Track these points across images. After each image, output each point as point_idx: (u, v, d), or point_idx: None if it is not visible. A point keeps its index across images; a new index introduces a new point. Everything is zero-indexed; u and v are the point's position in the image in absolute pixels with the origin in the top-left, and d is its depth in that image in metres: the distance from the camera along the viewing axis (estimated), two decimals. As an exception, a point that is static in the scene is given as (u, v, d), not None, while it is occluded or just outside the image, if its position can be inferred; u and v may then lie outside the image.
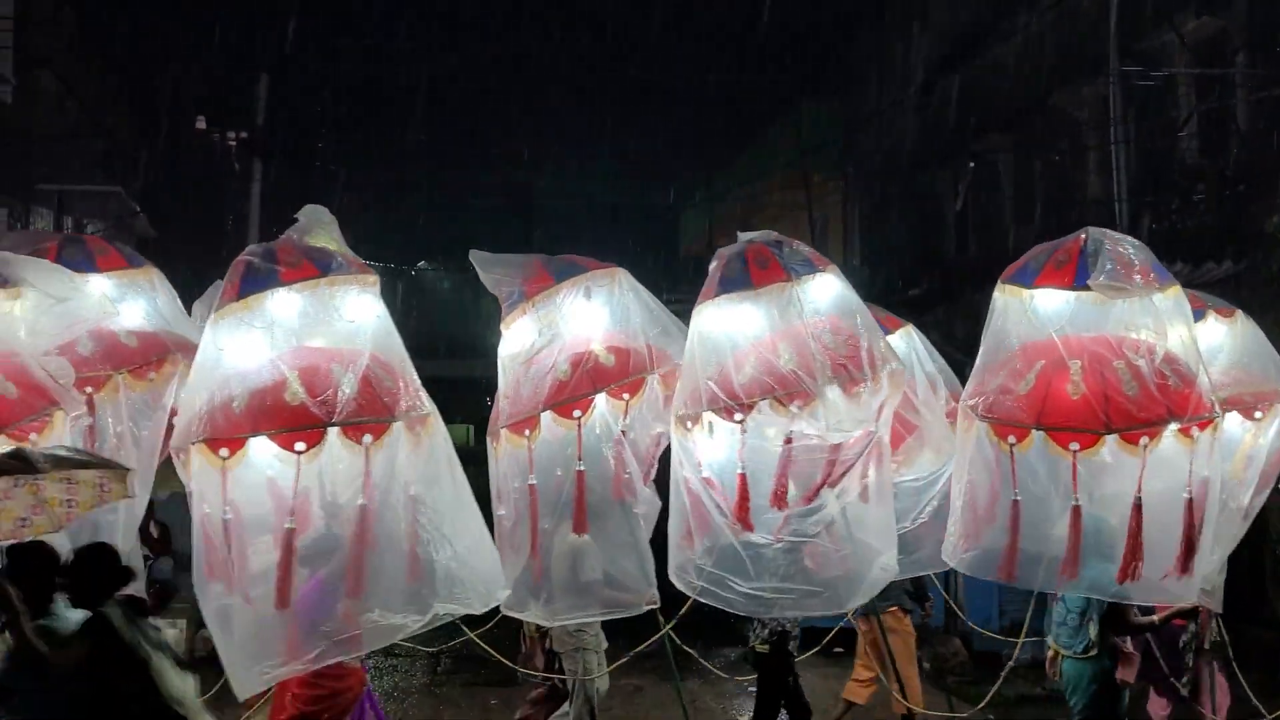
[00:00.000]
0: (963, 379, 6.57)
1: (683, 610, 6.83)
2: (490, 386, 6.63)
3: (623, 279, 6.39)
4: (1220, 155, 14.65)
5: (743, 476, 5.87)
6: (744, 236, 6.47)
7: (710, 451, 6.01)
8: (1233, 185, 14.06)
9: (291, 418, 4.88)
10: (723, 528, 5.93)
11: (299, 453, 4.87)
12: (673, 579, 6.32)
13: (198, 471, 5.01)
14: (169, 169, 28.61)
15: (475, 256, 6.33)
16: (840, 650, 12.43)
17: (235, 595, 4.97)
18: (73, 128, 24.70)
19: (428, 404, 5.24)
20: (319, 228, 5.52)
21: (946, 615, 12.53)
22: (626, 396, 6.15)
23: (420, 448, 5.11)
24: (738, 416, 5.79)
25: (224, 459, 4.88)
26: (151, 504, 12.27)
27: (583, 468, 6.07)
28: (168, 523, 12.45)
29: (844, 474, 5.82)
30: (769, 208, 28.68)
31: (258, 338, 5.13)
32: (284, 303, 5.17)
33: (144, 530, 12.13)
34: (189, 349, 6.26)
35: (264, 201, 14.19)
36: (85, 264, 6.35)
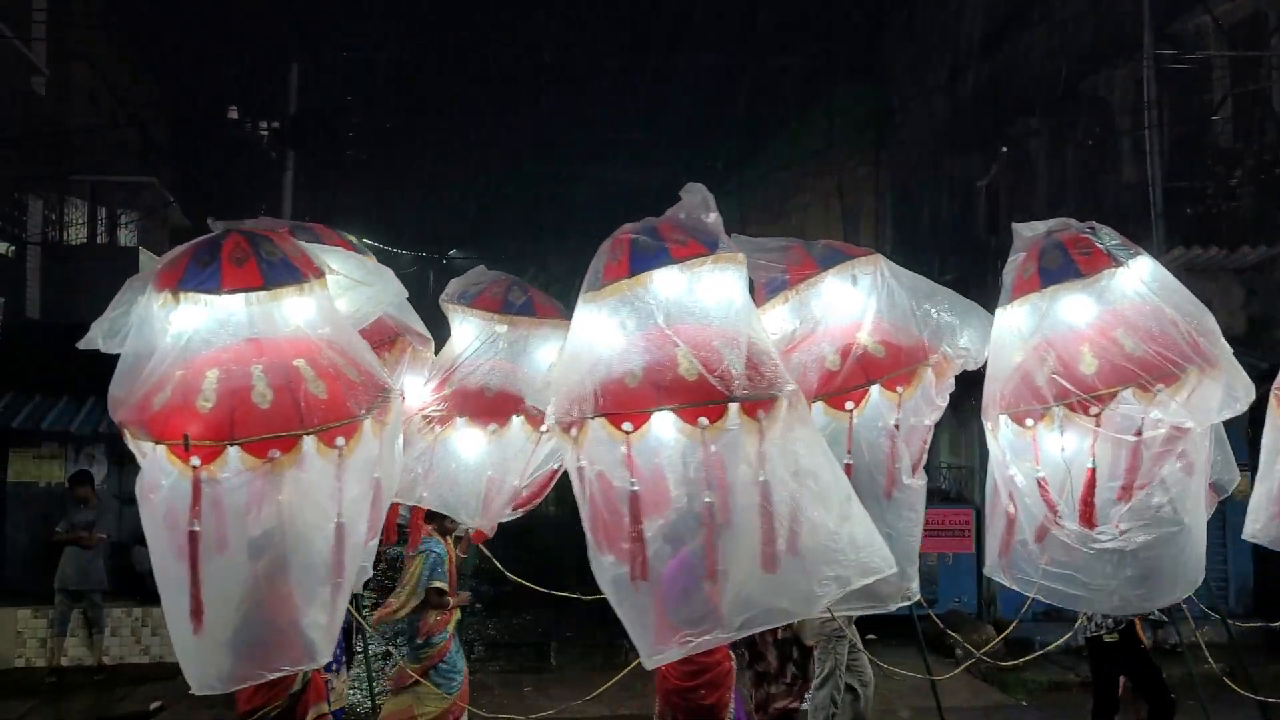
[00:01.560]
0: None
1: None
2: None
3: (884, 265, 6.22)
4: (1256, 139, 14.50)
5: (1092, 472, 5.71)
6: (1041, 225, 6.24)
7: (1045, 447, 5.85)
8: (1269, 169, 13.92)
9: (695, 392, 4.93)
10: (1058, 526, 5.82)
11: (703, 427, 4.91)
12: (996, 575, 6.23)
13: (593, 446, 5.07)
14: (202, 159, 28.84)
15: (737, 240, 5.97)
16: (873, 637, 12.48)
17: (627, 568, 5.03)
18: (106, 119, 24.92)
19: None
20: (701, 207, 5.52)
21: (980, 602, 12.53)
22: (900, 388, 6.00)
23: (799, 424, 5.13)
24: (1093, 410, 5.61)
25: (627, 433, 4.95)
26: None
27: (851, 460, 5.89)
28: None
29: (1171, 457, 5.68)
30: (801, 193, 28.60)
31: (646, 314, 5.16)
32: (672, 280, 5.18)
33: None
34: (415, 334, 6.42)
35: (296, 190, 14.24)
36: None
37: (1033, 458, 5.86)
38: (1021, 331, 5.95)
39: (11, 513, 12.19)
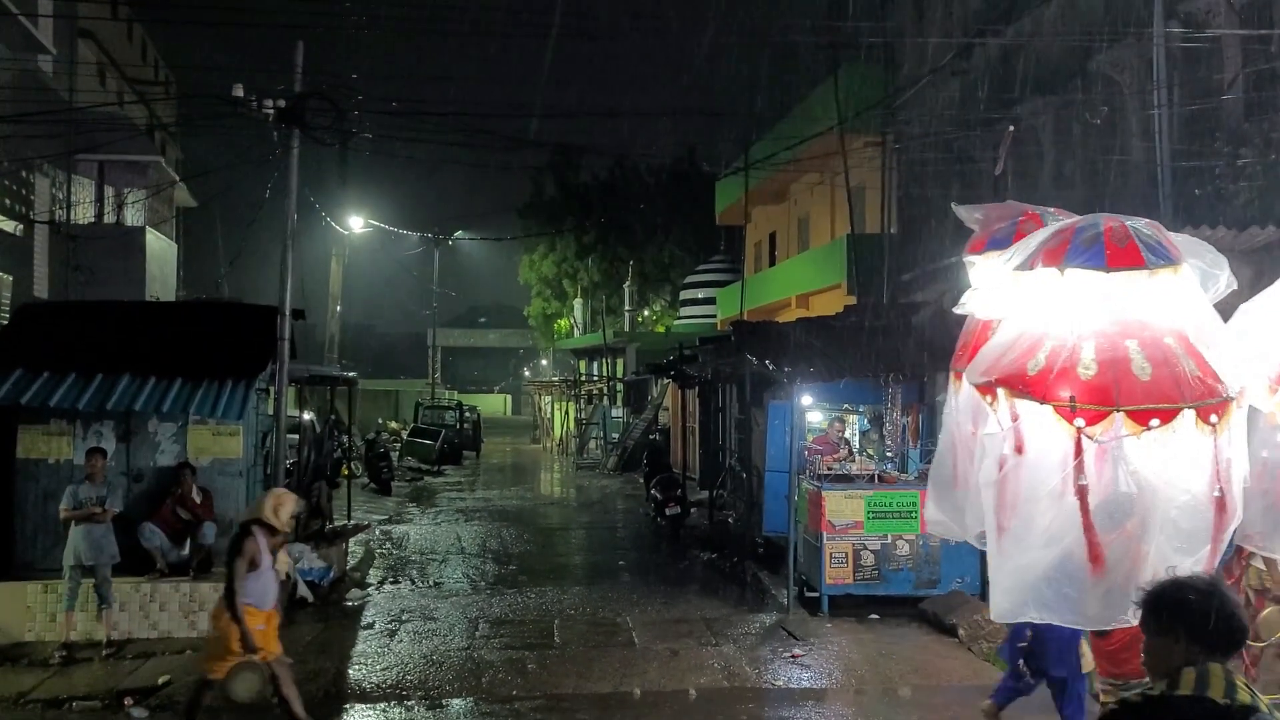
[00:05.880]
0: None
1: None
2: (526, 356, 6.63)
3: None
4: (1266, 118, 14.43)
5: None
6: None
7: None
8: (1279, 149, 13.86)
9: None
10: None
11: None
12: None
13: None
14: (207, 138, 28.84)
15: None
16: (875, 617, 12.53)
17: None
18: (113, 98, 24.93)
19: None
20: None
21: (982, 582, 12.55)
22: None
23: None
24: None
25: None
26: (193, 470, 12.53)
27: None
28: (210, 488, 12.67)
29: None
30: (806, 174, 28.54)
31: None
32: None
33: (187, 497, 12.39)
34: None
35: (302, 169, 14.23)
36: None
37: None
38: None
39: (21, 489, 12.27)
